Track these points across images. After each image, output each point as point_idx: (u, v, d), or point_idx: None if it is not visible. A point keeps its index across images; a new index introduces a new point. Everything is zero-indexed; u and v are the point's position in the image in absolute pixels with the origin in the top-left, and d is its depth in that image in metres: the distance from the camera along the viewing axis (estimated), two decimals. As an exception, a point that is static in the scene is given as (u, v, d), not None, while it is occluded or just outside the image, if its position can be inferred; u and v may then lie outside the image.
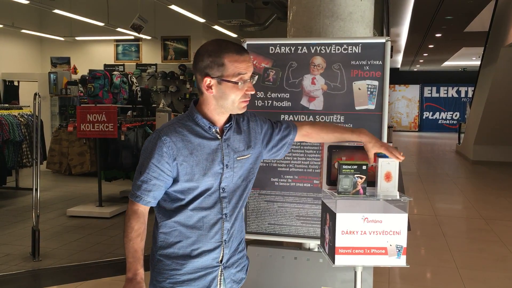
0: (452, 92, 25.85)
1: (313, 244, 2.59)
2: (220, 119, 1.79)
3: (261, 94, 2.53)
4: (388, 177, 1.86)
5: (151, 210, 1.78)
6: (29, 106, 7.63)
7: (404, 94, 26.44)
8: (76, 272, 4.35)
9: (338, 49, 2.43)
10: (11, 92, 10.59)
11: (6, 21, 10.35)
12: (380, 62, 2.40)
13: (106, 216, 6.16)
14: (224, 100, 1.72)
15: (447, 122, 25.88)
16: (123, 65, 11.27)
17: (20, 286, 4.11)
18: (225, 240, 1.80)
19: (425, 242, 5.54)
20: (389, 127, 18.13)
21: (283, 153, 2.02)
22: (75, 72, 11.08)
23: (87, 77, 6.89)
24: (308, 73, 2.46)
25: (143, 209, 1.74)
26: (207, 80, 1.70)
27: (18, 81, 10.79)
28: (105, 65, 11.28)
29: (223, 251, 1.81)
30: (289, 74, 2.48)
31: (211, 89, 1.71)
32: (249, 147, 1.86)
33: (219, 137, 1.78)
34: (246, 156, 1.84)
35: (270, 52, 2.50)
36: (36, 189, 4.64)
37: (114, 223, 5.93)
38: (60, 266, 4.46)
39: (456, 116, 25.63)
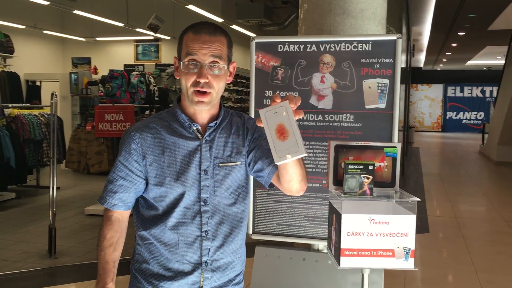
0: (476, 91, 25.39)
1: (322, 245, 2.55)
2: (200, 114, 1.53)
3: (270, 93, 2.49)
4: (281, 132, 1.26)
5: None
6: (50, 106, 7.74)
7: (427, 93, 26.08)
8: (91, 270, 4.38)
9: (348, 47, 2.38)
10: (34, 92, 10.79)
11: (29, 22, 10.55)
12: (391, 60, 2.34)
13: (131, 214, 6.20)
14: (182, 86, 1.50)
15: (471, 122, 25.43)
16: (143, 65, 11.37)
17: (36, 283, 4.16)
18: (205, 262, 1.53)
19: (444, 244, 5.43)
20: (410, 127, 17.93)
21: (266, 175, 1.56)
22: (96, 72, 11.22)
23: (106, 77, 6.97)
24: (317, 71, 2.42)
25: (118, 215, 1.54)
26: (175, 61, 1.52)
27: (40, 81, 10.98)
28: (125, 65, 11.39)
29: (203, 275, 1.53)
30: (298, 72, 2.45)
31: (177, 72, 1.51)
32: (238, 153, 1.57)
33: (200, 137, 1.53)
34: (233, 164, 1.56)
35: (279, 50, 2.47)
36: (53, 188, 4.69)
37: (130, 222, 5.96)
38: (75, 264, 4.50)
39: (480, 116, 25.16)
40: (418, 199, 1.89)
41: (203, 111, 1.53)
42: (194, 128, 1.53)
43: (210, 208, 1.53)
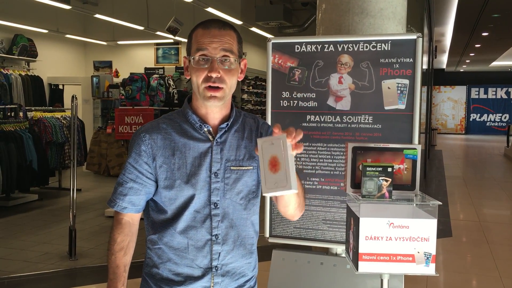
0: (501, 93, 24.92)
1: (340, 249, 2.50)
2: (211, 115, 1.50)
3: (287, 94, 2.46)
4: (274, 164, 1.25)
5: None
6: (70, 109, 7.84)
7: (450, 95, 25.68)
8: (110, 272, 4.40)
9: (366, 47, 2.33)
10: (56, 95, 10.95)
11: (51, 26, 10.71)
12: (411, 60, 2.29)
13: (142, 217, 6.23)
14: (193, 84, 1.46)
15: (496, 124, 24.94)
16: (163, 68, 11.43)
17: (56, 285, 4.20)
18: (215, 267, 1.49)
19: (467, 249, 5.31)
20: (433, 130, 17.63)
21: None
22: (117, 76, 11.34)
23: (126, 80, 7.02)
24: (335, 72, 2.38)
25: (128, 218, 1.51)
26: (185, 61, 1.49)
27: (63, 85, 11.13)
28: (146, 68, 11.48)
29: (213, 280, 1.50)
30: (315, 73, 2.41)
31: (187, 71, 1.49)
32: (251, 157, 1.53)
33: (211, 139, 1.49)
34: (245, 168, 1.52)
35: (296, 50, 2.43)
36: (74, 190, 4.73)
37: (141, 225, 5.99)
38: (95, 265, 4.53)
39: (505, 118, 24.66)
40: (439, 203, 1.83)
41: (215, 111, 1.49)
42: (205, 129, 1.50)
43: (220, 212, 1.49)
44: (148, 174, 1.48)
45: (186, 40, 1.48)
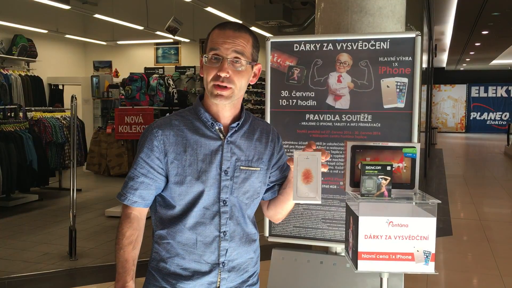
0: (501, 91, 24.91)
1: (340, 248, 2.50)
2: (222, 113, 1.53)
3: (286, 93, 2.46)
4: (307, 176, 1.43)
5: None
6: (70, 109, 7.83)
7: (450, 94, 25.68)
8: (111, 272, 4.39)
9: (365, 45, 2.33)
10: (56, 95, 10.95)
11: (51, 27, 10.71)
12: (410, 58, 2.29)
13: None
14: (204, 82, 1.50)
15: (496, 123, 24.94)
16: (163, 68, 11.43)
17: (56, 285, 4.20)
18: (222, 263, 1.54)
19: (468, 248, 5.31)
20: (433, 128, 17.63)
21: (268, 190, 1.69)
22: (117, 76, 11.33)
23: (126, 80, 7.02)
24: (334, 70, 2.38)
25: (137, 213, 1.52)
26: (201, 60, 1.54)
27: (63, 85, 11.13)
28: (146, 68, 11.48)
29: (220, 275, 1.54)
30: (314, 72, 2.41)
31: (202, 69, 1.52)
32: (259, 159, 1.59)
33: (222, 137, 1.53)
34: (253, 168, 1.57)
35: (295, 49, 2.43)
36: (74, 190, 4.72)
37: (150, 224, 5.99)
38: (95, 265, 4.53)
39: (505, 116, 24.65)
40: (439, 201, 1.82)
41: (225, 110, 1.53)
42: (217, 127, 1.53)
43: (229, 209, 1.54)
44: (159, 170, 1.50)
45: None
